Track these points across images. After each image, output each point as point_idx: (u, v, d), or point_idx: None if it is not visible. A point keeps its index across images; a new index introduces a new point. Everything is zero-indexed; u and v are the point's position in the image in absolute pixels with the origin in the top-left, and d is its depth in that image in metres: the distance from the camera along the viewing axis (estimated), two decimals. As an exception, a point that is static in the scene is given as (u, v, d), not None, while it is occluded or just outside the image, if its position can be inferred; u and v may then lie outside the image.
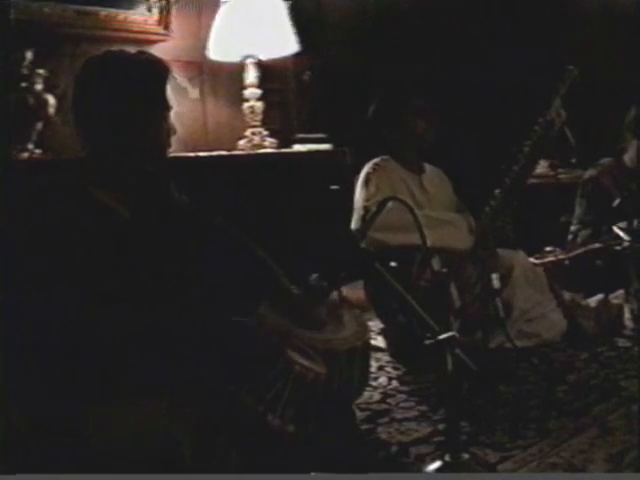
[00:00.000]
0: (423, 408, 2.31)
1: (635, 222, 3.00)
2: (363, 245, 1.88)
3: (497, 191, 2.74)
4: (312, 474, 1.63)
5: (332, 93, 3.72)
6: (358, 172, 2.94)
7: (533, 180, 3.00)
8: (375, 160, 2.95)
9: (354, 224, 2.83)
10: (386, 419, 2.24)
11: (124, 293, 1.50)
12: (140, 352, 1.45)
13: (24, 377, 1.42)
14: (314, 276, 1.84)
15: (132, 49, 2.95)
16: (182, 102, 3.16)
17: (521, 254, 2.94)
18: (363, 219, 2.76)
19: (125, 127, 1.62)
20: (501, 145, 2.76)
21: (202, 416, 1.46)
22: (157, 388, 1.45)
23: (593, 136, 3.23)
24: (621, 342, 2.88)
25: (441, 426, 2.10)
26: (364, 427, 2.18)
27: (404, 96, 2.96)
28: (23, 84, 2.53)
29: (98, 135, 1.64)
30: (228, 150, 3.14)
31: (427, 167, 3.06)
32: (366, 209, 2.76)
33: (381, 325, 2.91)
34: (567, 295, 3.03)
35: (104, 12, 2.93)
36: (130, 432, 1.40)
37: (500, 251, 2.83)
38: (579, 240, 3.37)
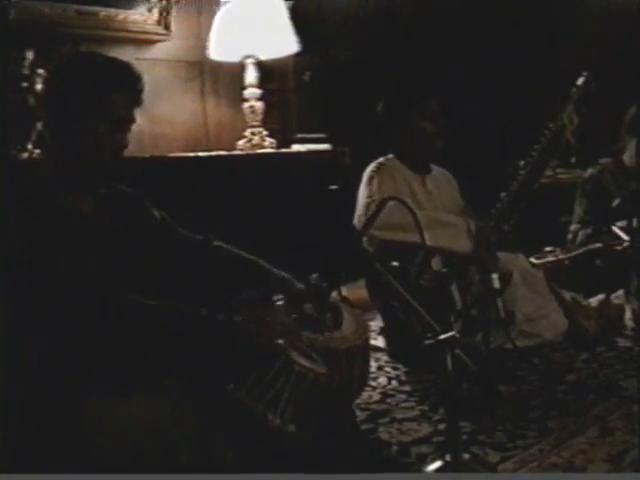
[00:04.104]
0: (423, 408, 2.31)
1: (635, 222, 2.99)
2: (364, 244, 1.88)
3: (503, 194, 2.73)
4: (313, 474, 1.62)
5: (332, 93, 3.72)
6: (357, 172, 2.93)
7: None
8: (379, 159, 2.94)
9: (356, 221, 2.83)
10: (386, 419, 2.24)
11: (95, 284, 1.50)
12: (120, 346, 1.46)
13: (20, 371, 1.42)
14: (314, 276, 1.84)
15: (132, 49, 3.02)
16: (182, 102, 3.17)
17: (520, 257, 2.93)
18: (364, 216, 2.76)
19: (76, 130, 1.61)
20: (512, 148, 2.75)
21: (202, 416, 1.45)
22: (159, 386, 1.45)
23: (592, 136, 3.22)
24: (622, 342, 2.88)
25: (441, 426, 2.11)
26: (364, 427, 2.18)
27: (415, 97, 2.94)
28: (23, 84, 2.53)
29: (54, 135, 1.66)
30: (228, 150, 3.15)
31: (434, 168, 3.03)
32: (368, 206, 2.75)
33: (381, 324, 2.91)
34: (568, 295, 3.02)
35: (104, 12, 2.93)
36: (128, 427, 1.41)
37: (500, 255, 2.81)
38: (579, 240, 3.36)
